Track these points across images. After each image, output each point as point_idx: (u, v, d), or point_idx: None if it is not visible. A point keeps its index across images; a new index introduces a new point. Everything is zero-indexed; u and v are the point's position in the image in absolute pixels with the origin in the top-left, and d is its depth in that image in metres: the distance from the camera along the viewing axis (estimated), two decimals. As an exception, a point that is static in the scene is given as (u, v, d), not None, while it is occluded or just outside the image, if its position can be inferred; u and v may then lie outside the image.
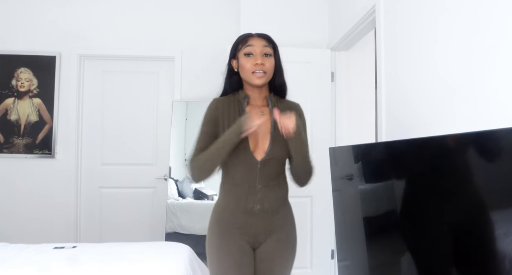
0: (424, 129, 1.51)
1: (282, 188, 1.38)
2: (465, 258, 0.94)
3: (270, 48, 1.36)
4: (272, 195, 1.33)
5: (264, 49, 1.34)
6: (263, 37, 1.37)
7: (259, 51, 1.33)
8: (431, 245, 1.08)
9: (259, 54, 1.33)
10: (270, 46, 1.36)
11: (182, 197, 4.75)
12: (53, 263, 1.71)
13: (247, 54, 1.34)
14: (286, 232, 1.37)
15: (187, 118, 6.22)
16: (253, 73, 1.31)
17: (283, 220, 1.37)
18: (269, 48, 1.35)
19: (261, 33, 1.40)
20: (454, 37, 1.33)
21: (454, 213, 0.98)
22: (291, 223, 1.40)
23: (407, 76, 1.70)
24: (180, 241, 2.85)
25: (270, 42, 1.37)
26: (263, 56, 1.33)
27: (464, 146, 0.94)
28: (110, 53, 3.18)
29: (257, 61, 1.31)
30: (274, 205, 1.33)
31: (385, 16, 1.94)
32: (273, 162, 1.32)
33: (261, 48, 1.33)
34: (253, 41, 1.35)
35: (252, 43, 1.34)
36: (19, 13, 3.12)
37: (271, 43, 1.38)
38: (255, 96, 1.40)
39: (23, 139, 3.07)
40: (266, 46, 1.35)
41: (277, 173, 1.35)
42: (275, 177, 1.34)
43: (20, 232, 2.95)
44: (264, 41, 1.36)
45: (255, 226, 1.32)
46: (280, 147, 1.32)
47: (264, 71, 1.32)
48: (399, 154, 1.30)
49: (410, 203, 1.21)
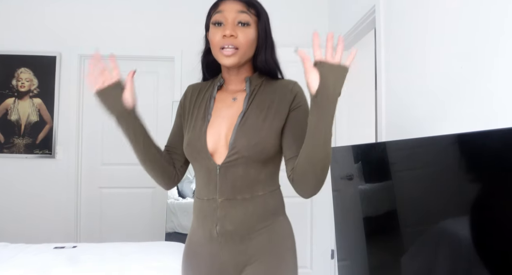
0: (424, 129, 1.51)
1: (261, 204, 0.95)
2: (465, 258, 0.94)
3: (250, 14, 0.98)
4: (238, 213, 0.93)
5: (239, 15, 0.96)
6: (242, 2, 0.99)
7: (231, 19, 0.96)
8: (431, 245, 1.08)
9: (231, 22, 0.96)
10: (249, 11, 0.98)
11: (182, 197, 4.75)
12: (53, 263, 1.71)
13: (216, 23, 0.98)
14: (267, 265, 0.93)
15: (187, 118, 6.22)
16: (221, 49, 0.96)
17: (263, 248, 0.94)
18: (246, 14, 0.97)
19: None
20: (454, 37, 1.33)
21: (454, 213, 0.98)
22: (280, 251, 0.95)
23: (407, 76, 1.70)
24: (180, 241, 2.84)
25: (250, 5, 0.99)
26: (237, 25, 0.96)
27: (464, 146, 0.94)
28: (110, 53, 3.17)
29: (225, 32, 0.95)
30: (241, 227, 0.94)
31: (385, 16, 1.94)
32: (241, 166, 0.93)
33: (234, 14, 0.96)
34: (224, 5, 0.98)
35: (222, 8, 0.98)
36: (19, 13, 3.12)
37: (252, 7, 0.99)
38: (231, 79, 1.04)
39: (24, 139, 3.07)
40: (243, 12, 0.97)
41: (250, 182, 0.94)
42: (246, 188, 0.94)
43: (20, 232, 2.95)
44: (239, 5, 0.97)
45: (219, 257, 0.96)
46: (250, 142, 0.93)
47: (236, 46, 0.96)
48: (399, 154, 1.29)
49: (410, 203, 1.21)
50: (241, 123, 0.96)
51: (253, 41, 0.99)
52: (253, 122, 0.96)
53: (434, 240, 1.06)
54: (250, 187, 0.95)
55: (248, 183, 0.95)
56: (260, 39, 1.01)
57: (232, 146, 0.94)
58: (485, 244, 0.86)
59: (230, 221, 0.94)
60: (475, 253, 0.89)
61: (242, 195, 0.94)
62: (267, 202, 0.97)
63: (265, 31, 1.02)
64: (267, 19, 1.04)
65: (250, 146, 0.93)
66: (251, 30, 0.98)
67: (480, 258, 0.87)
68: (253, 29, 0.99)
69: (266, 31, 1.02)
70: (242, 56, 0.98)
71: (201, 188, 1.01)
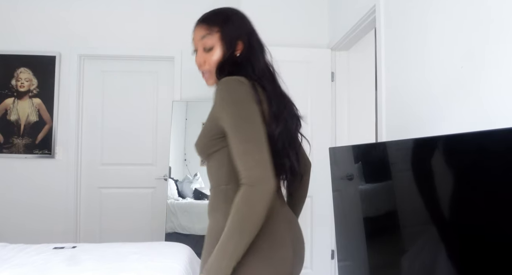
0: (424, 129, 1.51)
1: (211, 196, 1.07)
2: (465, 258, 0.94)
3: (212, 35, 1.03)
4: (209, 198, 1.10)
5: (203, 42, 1.04)
6: (201, 22, 1.06)
7: (199, 47, 1.05)
8: (432, 245, 1.08)
9: (200, 51, 1.05)
10: (211, 31, 1.03)
11: (182, 197, 4.75)
12: (53, 263, 1.71)
13: (194, 51, 1.08)
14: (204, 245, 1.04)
15: (187, 118, 6.22)
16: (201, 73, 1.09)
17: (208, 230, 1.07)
18: (208, 38, 1.03)
19: (202, 16, 1.07)
20: (454, 37, 1.33)
21: (454, 213, 0.98)
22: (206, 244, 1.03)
23: (407, 76, 1.70)
24: (180, 241, 2.84)
25: (210, 24, 1.04)
26: (204, 52, 1.04)
27: (464, 146, 0.94)
28: (110, 53, 3.18)
29: (196, 62, 1.06)
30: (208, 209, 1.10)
31: (385, 16, 1.94)
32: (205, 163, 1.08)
33: (199, 42, 1.05)
34: (194, 33, 1.07)
35: (193, 36, 1.07)
36: (19, 13, 3.12)
37: (212, 24, 1.04)
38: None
39: (23, 139, 3.07)
40: (204, 37, 1.03)
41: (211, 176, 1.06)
42: (209, 179, 1.08)
43: (20, 232, 2.95)
44: (201, 29, 1.04)
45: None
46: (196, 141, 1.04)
47: (206, 71, 1.06)
48: (399, 154, 1.29)
49: (410, 203, 1.21)
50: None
51: (220, 59, 1.03)
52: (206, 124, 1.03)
53: (434, 240, 1.06)
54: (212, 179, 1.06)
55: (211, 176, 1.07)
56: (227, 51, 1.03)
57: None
58: (486, 244, 0.86)
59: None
60: (476, 253, 0.89)
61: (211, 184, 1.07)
62: (212, 197, 1.06)
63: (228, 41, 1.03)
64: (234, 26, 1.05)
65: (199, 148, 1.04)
66: (215, 52, 1.03)
67: (481, 258, 0.87)
68: (218, 48, 1.03)
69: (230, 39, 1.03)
70: (212, 79, 1.06)
71: None
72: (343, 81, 2.91)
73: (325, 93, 2.87)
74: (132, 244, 2.07)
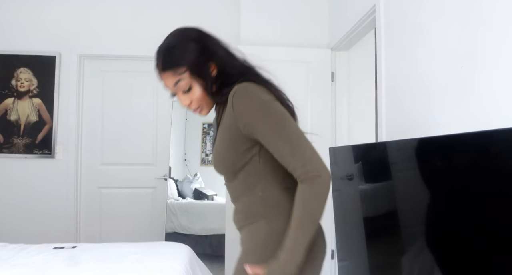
0: (424, 129, 1.51)
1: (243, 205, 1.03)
2: (465, 258, 0.94)
3: (182, 78, 0.98)
4: (235, 209, 1.08)
5: (177, 88, 1.00)
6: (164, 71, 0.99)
7: (177, 92, 1.02)
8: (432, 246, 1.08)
9: (180, 95, 1.02)
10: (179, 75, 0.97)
11: (182, 197, 4.76)
12: (53, 263, 1.71)
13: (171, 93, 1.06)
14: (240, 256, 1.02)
15: (187, 118, 6.25)
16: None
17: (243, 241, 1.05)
18: (180, 82, 0.98)
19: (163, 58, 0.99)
20: (454, 36, 1.33)
21: (454, 213, 0.98)
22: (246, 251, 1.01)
23: (407, 76, 1.70)
24: (180, 241, 2.85)
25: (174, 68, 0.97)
26: (183, 94, 1.01)
27: (464, 146, 0.94)
28: (110, 53, 3.17)
29: (181, 104, 1.04)
30: (236, 220, 1.07)
31: (385, 16, 1.94)
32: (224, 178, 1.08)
33: (174, 89, 1.01)
34: (164, 81, 1.02)
35: (164, 84, 1.02)
36: (19, 13, 3.12)
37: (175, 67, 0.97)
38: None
39: (23, 139, 3.07)
40: (177, 83, 0.98)
41: (235, 188, 1.05)
42: (236, 191, 1.05)
43: (20, 232, 2.95)
44: (169, 78, 0.99)
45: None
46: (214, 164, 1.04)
47: (196, 107, 1.03)
48: (399, 154, 1.29)
49: (410, 203, 1.21)
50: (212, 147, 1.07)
51: (203, 91, 1.00)
52: (216, 142, 1.03)
53: (434, 240, 1.06)
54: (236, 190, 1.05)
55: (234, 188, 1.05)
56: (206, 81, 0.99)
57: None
58: (486, 244, 0.86)
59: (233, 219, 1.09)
60: (476, 253, 0.89)
61: (234, 194, 1.06)
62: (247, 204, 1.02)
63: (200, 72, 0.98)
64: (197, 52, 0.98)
65: (214, 164, 1.04)
66: (195, 87, 0.99)
67: (481, 258, 0.87)
68: (196, 84, 0.99)
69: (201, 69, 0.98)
70: (207, 106, 1.04)
71: None
72: (343, 81, 2.91)
73: (325, 93, 2.87)
74: (132, 244, 2.07)
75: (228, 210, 2.78)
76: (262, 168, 0.98)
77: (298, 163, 0.86)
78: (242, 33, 2.95)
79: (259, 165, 0.97)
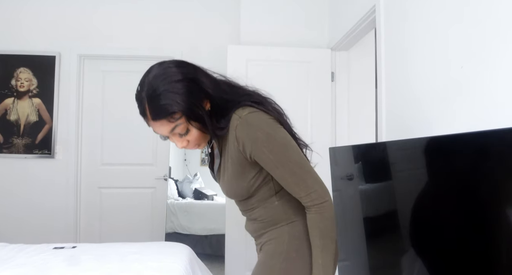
0: (424, 129, 1.51)
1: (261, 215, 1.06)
2: (465, 258, 0.94)
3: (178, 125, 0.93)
4: (249, 218, 1.12)
5: (173, 134, 0.97)
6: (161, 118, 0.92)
7: (173, 139, 0.99)
8: (432, 246, 1.08)
9: (175, 138, 0.98)
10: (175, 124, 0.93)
11: (182, 197, 4.76)
12: (53, 263, 1.71)
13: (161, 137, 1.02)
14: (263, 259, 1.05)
15: (187, 118, 6.22)
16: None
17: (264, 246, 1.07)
18: (178, 127, 0.93)
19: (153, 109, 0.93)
20: (455, 36, 1.33)
21: (454, 213, 0.98)
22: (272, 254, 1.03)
23: (407, 76, 1.70)
24: (180, 241, 2.85)
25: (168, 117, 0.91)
26: (179, 137, 0.97)
27: (464, 146, 0.94)
28: (110, 53, 3.17)
29: (178, 146, 1.01)
30: (253, 228, 1.11)
31: (385, 16, 1.94)
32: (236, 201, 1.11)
33: (169, 135, 0.97)
34: (155, 129, 0.96)
35: (156, 131, 0.97)
36: (18, 13, 3.12)
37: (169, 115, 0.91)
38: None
39: (23, 139, 3.07)
40: (173, 129, 0.94)
41: (248, 204, 1.07)
42: (249, 205, 1.08)
43: (20, 232, 2.95)
44: (164, 126, 0.93)
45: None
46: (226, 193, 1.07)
47: (193, 146, 1.02)
48: (399, 154, 1.29)
49: (410, 203, 1.21)
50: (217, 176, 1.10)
51: (200, 132, 0.97)
52: (222, 175, 1.05)
53: (434, 241, 1.06)
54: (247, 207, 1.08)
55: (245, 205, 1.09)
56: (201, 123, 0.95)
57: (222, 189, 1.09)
58: (485, 244, 0.86)
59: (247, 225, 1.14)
60: (475, 253, 0.89)
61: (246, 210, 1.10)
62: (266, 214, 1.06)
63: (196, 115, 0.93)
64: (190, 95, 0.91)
65: (226, 193, 1.07)
66: (192, 130, 0.96)
67: (480, 258, 0.87)
68: (192, 127, 0.96)
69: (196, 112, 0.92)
70: (203, 143, 1.04)
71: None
72: (343, 81, 2.91)
73: (325, 93, 2.87)
74: (132, 244, 2.07)
75: (228, 210, 2.77)
76: (276, 184, 1.02)
77: (303, 192, 0.93)
78: (242, 33, 2.95)
79: (273, 182, 1.02)
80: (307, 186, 0.93)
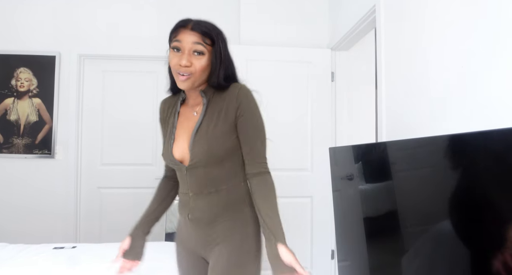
0: (424, 129, 1.51)
1: (224, 196, 1.14)
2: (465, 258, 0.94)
3: (204, 45, 1.09)
4: (204, 204, 1.14)
5: (194, 46, 1.09)
6: (197, 31, 1.09)
7: (188, 49, 1.09)
8: (432, 246, 1.08)
9: (187, 53, 1.09)
10: (204, 41, 1.09)
11: (182, 197, 4.76)
12: (53, 263, 1.71)
13: (175, 49, 1.11)
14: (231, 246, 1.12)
15: (187, 118, 6.22)
16: (178, 73, 1.11)
17: (227, 231, 1.13)
18: (201, 45, 1.09)
19: (197, 24, 1.10)
20: (454, 36, 1.33)
21: (454, 213, 0.98)
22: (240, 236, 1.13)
23: (407, 76, 1.70)
24: (180, 241, 2.84)
25: (206, 35, 1.09)
26: (192, 54, 1.09)
27: (464, 146, 0.94)
28: (110, 53, 3.17)
29: (181, 61, 1.09)
30: (208, 214, 1.14)
31: (385, 16, 1.94)
32: (201, 168, 1.12)
33: (190, 45, 1.09)
34: (182, 36, 1.09)
35: (181, 38, 1.09)
36: (19, 13, 3.12)
37: (207, 36, 1.10)
38: (190, 94, 1.20)
39: (23, 139, 3.07)
40: (198, 43, 1.08)
41: (212, 179, 1.13)
42: (210, 183, 1.14)
43: (20, 232, 2.95)
44: (195, 37, 1.08)
45: (193, 237, 1.19)
46: (203, 148, 1.11)
47: (190, 73, 1.10)
48: (399, 154, 1.29)
49: (410, 203, 1.21)
50: (196, 133, 1.14)
51: (206, 67, 1.12)
52: (205, 131, 1.13)
53: (434, 241, 1.06)
54: (213, 182, 1.14)
55: (211, 180, 1.14)
56: (213, 64, 1.12)
57: (191, 153, 1.13)
58: (485, 244, 0.85)
59: (198, 210, 1.16)
60: (475, 253, 0.89)
61: (208, 190, 1.14)
62: (230, 195, 1.15)
63: (220, 56, 1.13)
64: (224, 43, 1.15)
65: (204, 151, 1.11)
66: (204, 58, 1.11)
67: (480, 258, 0.87)
68: (207, 57, 1.11)
69: (222, 55, 1.13)
70: (196, 80, 1.12)
71: (180, 185, 1.22)
72: (343, 81, 2.91)
73: (325, 93, 2.87)
74: (132, 244, 2.06)
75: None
76: (242, 160, 1.16)
77: (263, 159, 1.14)
78: (242, 33, 2.95)
79: (241, 156, 1.16)
80: (265, 156, 1.15)
